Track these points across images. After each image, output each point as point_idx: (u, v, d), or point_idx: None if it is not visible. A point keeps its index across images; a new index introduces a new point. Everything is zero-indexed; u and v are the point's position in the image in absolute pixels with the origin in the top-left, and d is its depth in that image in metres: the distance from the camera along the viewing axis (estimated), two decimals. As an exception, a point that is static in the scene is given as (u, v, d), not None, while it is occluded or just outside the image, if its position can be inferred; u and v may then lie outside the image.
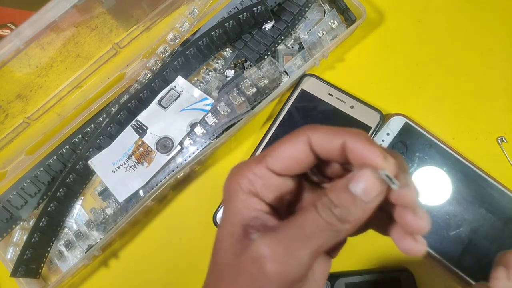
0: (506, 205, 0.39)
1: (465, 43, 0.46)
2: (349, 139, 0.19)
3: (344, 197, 0.18)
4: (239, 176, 0.21)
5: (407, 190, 0.18)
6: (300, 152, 0.20)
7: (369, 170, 0.18)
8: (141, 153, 0.42)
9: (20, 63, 0.39)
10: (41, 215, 0.41)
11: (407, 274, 0.39)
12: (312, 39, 0.45)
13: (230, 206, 0.21)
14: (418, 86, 0.45)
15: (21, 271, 0.39)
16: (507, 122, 0.43)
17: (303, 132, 0.20)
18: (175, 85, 0.44)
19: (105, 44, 0.45)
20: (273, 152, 0.21)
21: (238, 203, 0.21)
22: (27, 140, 0.45)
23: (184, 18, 0.45)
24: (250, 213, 0.20)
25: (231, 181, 0.21)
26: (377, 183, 0.18)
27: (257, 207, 0.20)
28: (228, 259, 0.20)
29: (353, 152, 0.19)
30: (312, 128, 0.20)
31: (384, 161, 0.18)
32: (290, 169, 0.21)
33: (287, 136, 0.21)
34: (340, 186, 0.18)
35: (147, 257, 0.43)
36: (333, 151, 0.20)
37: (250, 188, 0.20)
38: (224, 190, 0.22)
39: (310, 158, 0.20)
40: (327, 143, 0.20)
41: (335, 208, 0.18)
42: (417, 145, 0.42)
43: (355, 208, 0.18)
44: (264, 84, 0.42)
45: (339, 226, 0.18)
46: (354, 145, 0.19)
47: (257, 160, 0.21)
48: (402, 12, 0.47)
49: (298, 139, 0.20)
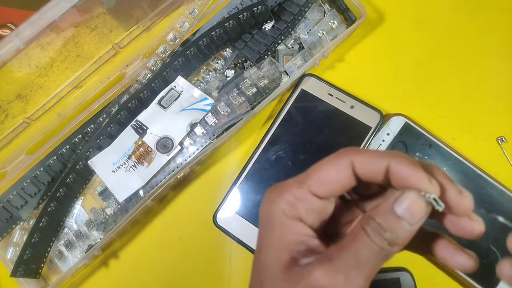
0: (506, 205, 0.39)
1: (465, 43, 0.46)
2: (393, 162, 0.19)
3: (391, 220, 0.18)
4: (279, 199, 0.21)
5: (462, 198, 0.19)
6: (343, 175, 0.20)
7: (414, 193, 0.18)
8: (141, 153, 0.42)
9: (20, 63, 0.39)
10: (41, 215, 0.41)
11: (407, 274, 0.39)
12: (312, 39, 0.45)
13: (274, 232, 0.20)
14: (418, 86, 0.45)
15: (21, 271, 0.39)
16: (507, 122, 0.43)
17: (346, 155, 0.20)
18: (175, 85, 0.44)
19: (105, 44, 0.45)
20: (314, 175, 0.21)
21: (283, 228, 0.20)
22: (27, 140, 0.45)
23: (184, 18, 0.45)
24: (296, 238, 0.20)
25: (270, 204, 0.21)
26: (423, 205, 0.18)
27: (302, 231, 0.20)
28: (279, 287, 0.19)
29: (398, 175, 0.19)
30: (355, 151, 0.20)
31: (430, 184, 0.18)
32: (332, 192, 0.21)
33: (328, 159, 0.21)
34: (386, 209, 0.19)
35: (147, 257, 0.43)
36: (376, 174, 0.20)
37: (293, 212, 0.20)
38: (263, 213, 0.21)
39: (352, 180, 0.20)
40: (371, 166, 0.20)
41: (385, 232, 0.18)
42: (417, 145, 0.42)
43: (401, 230, 0.18)
44: (264, 84, 0.42)
45: (390, 249, 0.18)
46: (398, 168, 0.19)
47: (297, 183, 0.21)
48: (402, 12, 0.47)
49: (340, 162, 0.20)
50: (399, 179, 0.19)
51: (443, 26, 0.46)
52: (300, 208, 0.20)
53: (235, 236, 0.41)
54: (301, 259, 0.20)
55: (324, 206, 0.21)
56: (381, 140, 0.42)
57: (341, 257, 0.18)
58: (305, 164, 0.41)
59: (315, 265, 0.19)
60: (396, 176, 0.19)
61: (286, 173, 0.42)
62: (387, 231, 0.18)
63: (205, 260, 0.42)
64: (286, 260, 0.20)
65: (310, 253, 0.20)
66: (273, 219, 0.21)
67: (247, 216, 0.41)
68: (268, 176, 0.42)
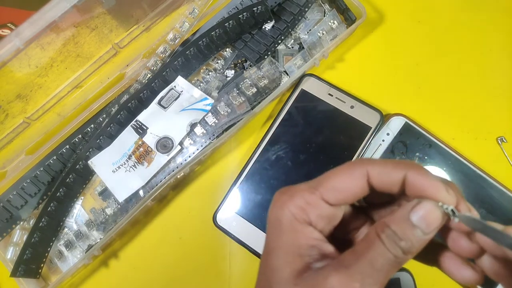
0: (506, 205, 0.39)
1: (465, 43, 0.46)
2: (410, 172, 0.19)
3: (406, 228, 0.18)
4: (290, 203, 0.21)
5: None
6: (357, 185, 0.20)
7: (431, 202, 0.18)
8: (141, 153, 0.42)
9: (20, 63, 0.39)
10: (41, 215, 0.41)
11: (407, 274, 0.39)
12: (312, 39, 0.45)
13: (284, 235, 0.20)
14: (418, 86, 0.45)
15: (21, 271, 0.39)
16: (507, 122, 0.43)
17: (361, 165, 0.20)
18: (175, 85, 0.44)
19: (105, 44, 0.45)
20: (327, 183, 0.21)
21: (293, 232, 0.20)
22: (27, 140, 0.45)
23: (184, 18, 0.45)
24: (307, 242, 0.20)
25: (281, 207, 0.21)
26: (439, 215, 0.18)
27: (313, 236, 0.20)
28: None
29: (415, 185, 0.19)
30: (370, 162, 0.20)
31: (448, 195, 0.19)
32: (344, 200, 0.21)
33: (342, 167, 0.21)
34: (401, 217, 0.19)
35: (147, 257, 0.43)
36: (392, 185, 0.20)
37: (304, 217, 0.20)
38: (272, 216, 0.21)
39: (365, 190, 0.20)
40: (387, 177, 0.20)
41: (400, 241, 0.18)
42: (417, 145, 0.42)
43: (416, 239, 0.18)
44: (264, 84, 0.42)
45: (403, 258, 0.19)
46: (415, 179, 0.19)
47: (310, 189, 0.21)
48: (402, 12, 0.47)
49: (356, 172, 0.20)
50: (416, 189, 0.19)
51: (443, 26, 0.46)
52: (311, 214, 0.20)
53: (235, 236, 0.41)
54: (313, 263, 0.19)
55: (335, 213, 0.21)
56: (381, 140, 0.42)
57: (357, 265, 0.18)
58: (305, 164, 0.42)
59: (331, 272, 0.19)
60: (413, 186, 0.19)
61: (286, 173, 0.42)
62: (402, 240, 0.18)
63: (205, 260, 0.42)
64: (298, 264, 0.20)
65: (322, 258, 0.20)
66: (283, 222, 0.20)
67: (247, 216, 0.41)
68: (268, 176, 0.42)
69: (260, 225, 0.41)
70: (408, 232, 0.18)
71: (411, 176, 0.19)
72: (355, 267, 0.18)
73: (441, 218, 0.18)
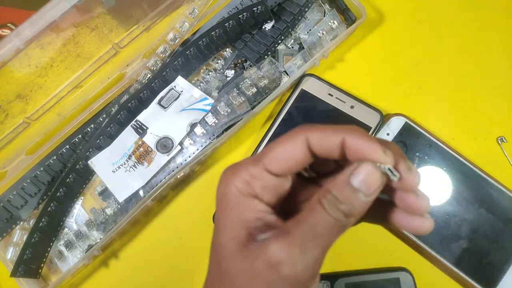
0: (506, 205, 0.39)
1: (465, 43, 0.46)
2: (348, 136, 0.19)
3: (347, 192, 0.18)
4: (235, 178, 0.20)
5: (411, 176, 0.19)
6: (299, 152, 0.20)
7: (369, 164, 0.18)
8: (141, 153, 0.42)
9: (20, 63, 0.39)
10: (41, 215, 0.41)
11: (407, 274, 0.39)
12: (312, 39, 0.45)
13: (229, 210, 0.20)
14: (418, 86, 0.45)
15: (21, 271, 0.39)
16: (507, 122, 0.43)
17: (301, 132, 0.20)
18: (175, 85, 0.44)
19: (105, 44, 0.45)
20: (270, 153, 0.20)
21: (238, 206, 0.20)
22: (27, 140, 0.45)
23: (184, 18, 0.45)
24: (252, 215, 0.20)
25: (226, 184, 0.21)
26: (378, 176, 0.19)
27: (258, 208, 0.20)
28: (237, 265, 0.19)
29: (353, 148, 0.19)
30: (310, 128, 0.20)
31: (384, 155, 0.19)
32: (288, 169, 0.21)
33: (283, 137, 0.21)
34: (342, 181, 0.19)
35: (147, 257, 0.43)
36: (331, 149, 0.20)
37: (248, 190, 0.20)
38: (219, 193, 0.21)
39: (308, 157, 0.20)
40: (326, 142, 0.20)
41: (341, 204, 0.18)
42: (417, 145, 0.42)
43: (358, 202, 0.18)
44: (264, 84, 0.42)
45: (346, 221, 0.19)
46: (353, 142, 0.19)
47: (253, 162, 0.21)
48: (402, 12, 0.47)
49: (296, 139, 0.20)
50: (354, 152, 0.19)
51: (443, 26, 0.46)
52: (256, 186, 0.20)
53: (235, 236, 0.41)
54: (258, 235, 0.19)
55: (280, 183, 0.21)
56: (381, 140, 0.42)
57: (297, 231, 0.19)
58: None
59: (272, 240, 0.19)
60: (351, 149, 0.19)
61: (286, 173, 0.42)
62: (343, 203, 0.18)
63: (205, 260, 0.42)
64: (243, 237, 0.20)
65: (267, 229, 0.20)
66: (228, 198, 0.20)
67: (247, 216, 0.41)
68: (268, 176, 0.42)
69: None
70: (349, 195, 0.18)
71: (349, 139, 0.19)
72: (295, 232, 0.19)
73: (380, 179, 0.19)
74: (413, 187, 0.19)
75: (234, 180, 0.20)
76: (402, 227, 0.21)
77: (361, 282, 0.39)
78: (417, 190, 0.20)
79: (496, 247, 0.39)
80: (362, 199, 0.18)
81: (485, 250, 0.39)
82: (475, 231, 0.39)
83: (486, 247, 0.39)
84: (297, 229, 0.19)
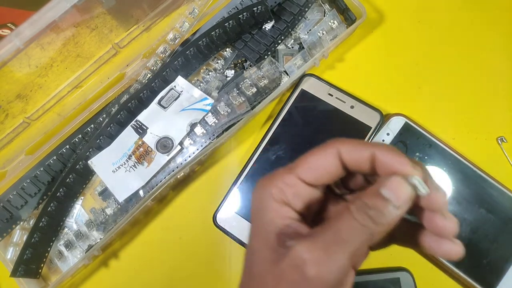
0: (506, 205, 0.39)
1: (465, 43, 0.46)
2: (378, 150, 0.20)
3: (377, 200, 0.19)
4: (270, 186, 0.21)
5: (437, 194, 0.20)
6: (330, 163, 0.21)
7: (399, 176, 0.19)
8: (141, 153, 0.42)
9: (20, 63, 0.39)
10: (41, 215, 0.41)
11: (407, 274, 0.39)
12: (312, 39, 0.45)
13: (263, 216, 0.21)
14: (418, 86, 0.45)
15: (21, 271, 0.39)
16: (507, 122, 0.43)
17: (333, 144, 0.21)
18: (175, 85, 0.44)
19: (105, 44, 0.45)
20: (303, 163, 0.21)
21: (271, 212, 0.21)
22: (27, 140, 0.45)
23: (184, 18, 0.45)
24: (283, 221, 0.21)
25: (262, 191, 0.22)
26: (408, 188, 0.19)
27: (289, 215, 0.21)
28: (266, 269, 0.20)
29: (383, 162, 0.20)
30: (342, 141, 0.21)
31: (413, 169, 0.19)
32: (319, 179, 0.21)
33: (316, 148, 0.22)
34: (372, 191, 0.19)
35: (147, 257, 0.43)
36: (362, 162, 0.21)
37: (281, 197, 0.21)
38: (255, 200, 0.22)
39: (339, 169, 0.21)
40: (356, 155, 0.21)
41: (369, 210, 0.19)
42: (417, 145, 0.42)
43: (387, 211, 0.19)
44: (264, 84, 0.42)
45: (373, 228, 0.19)
46: (383, 156, 0.20)
47: (287, 170, 0.22)
48: (402, 12, 0.47)
49: (328, 151, 0.21)
50: (384, 165, 0.20)
51: (443, 26, 0.46)
52: (288, 193, 0.21)
53: (235, 236, 0.41)
54: (288, 241, 0.20)
55: (312, 193, 0.22)
56: (381, 140, 0.42)
57: (322, 234, 0.19)
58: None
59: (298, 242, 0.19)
60: (381, 163, 0.20)
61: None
62: (372, 208, 0.19)
63: (205, 260, 0.42)
64: (274, 242, 0.20)
65: (296, 236, 0.20)
66: (263, 204, 0.21)
67: (247, 216, 0.41)
68: (268, 176, 0.42)
69: (260, 225, 0.41)
70: (379, 203, 0.19)
71: (379, 153, 0.20)
72: (321, 237, 0.19)
73: (410, 190, 0.19)
74: (440, 206, 0.20)
75: (269, 186, 0.21)
76: (431, 251, 0.21)
77: (361, 282, 0.39)
78: (445, 212, 0.20)
79: (496, 247, 0.39)
80: (391, 210, 0.19)
81: (485, 250, 0.39)
82: (475, 231, 0.39)
83: (486, 247, 0.39)
84: (322, 233, 0.19)
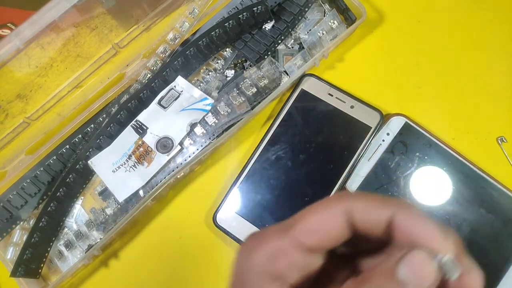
0: (506, 205, 0.39)
1: (465, 43, 0.46)
2: (399, 211, 0.16)
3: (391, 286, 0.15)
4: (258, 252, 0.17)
5: (471, 276, 0.15)
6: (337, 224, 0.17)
7: (423, 253, 0.14)
8: (141, 153, 0.42)
9: (20, 63, 0.39)
10: (41, 215, 0.41)
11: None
12: (312, 39, 0.45)
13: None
14: (418, 86, 0.45)
15: (21, 271, 0.39)
16: (507, 122, 0.43)
17: (341, 200, 0.17)
18: (175, 85, 0.44)
19: (105, 44, 0.45)
20: (303, 222, 0.17)
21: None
22: (27, 140, 0.45)
23: (184, 18, 0.45)
24: None
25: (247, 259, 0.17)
26: (434, 269, 0.14)
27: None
28: None
29: (404, 228, 0.16)
30: (353, 197, 0.17)
31: (444, 242, 0.15)
32: (323, 244, 0.17)
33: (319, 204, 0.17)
34: (385, 271, 0.15)
35: (147, 257, 0.43)
36: (376, 226, 0.16)
37: (271, 268, 0.17)
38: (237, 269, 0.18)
39: (346, 232, 0.17)
40: (371, 216, 0.16)
41: None
42: (417, 145, 0.42)
43: None
44: (264, 84, 0.42)
45: None
46: (404, 220, 0.16)
47: (282, 231, 0.17)
48: (402, 12, 0.47)
49: (335, 209, 0.17)
50: (405, 233, 0.16)
51: (443, 26, 0.46)
52: (282, 262, 0.17)
53: (235, 236, 0.41)
54: None
55: (311, 261, 0.17)
56: (381, 140, 0.42)
57: None
58: (305, 164, 0.42)
59: None
60: (402, 229, 0.16)
61: (286, 173, 0.42)
62: None
63: (205, 260, 0.42)
64: None
65: None
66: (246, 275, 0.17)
67: (247, 216, 0.41)
68: (268, 176, 0.42)
69: (260, 225, 0.41)
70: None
71: (399, 216, 0.16)
72: None
73: (435, 272, 0.14)
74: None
75: (257, 253, 0.17)
76: None
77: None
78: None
79: (496, 247, 0.39)
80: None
81: (485, 250, 0.39)
82: (475, 231, 0.39)
83: (486, 247, 0.39)
84: None
